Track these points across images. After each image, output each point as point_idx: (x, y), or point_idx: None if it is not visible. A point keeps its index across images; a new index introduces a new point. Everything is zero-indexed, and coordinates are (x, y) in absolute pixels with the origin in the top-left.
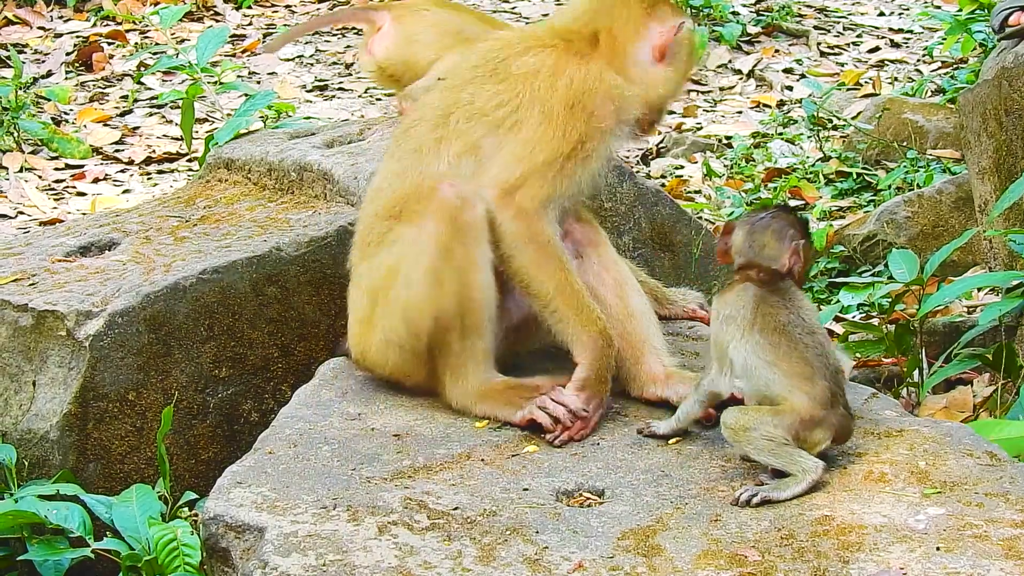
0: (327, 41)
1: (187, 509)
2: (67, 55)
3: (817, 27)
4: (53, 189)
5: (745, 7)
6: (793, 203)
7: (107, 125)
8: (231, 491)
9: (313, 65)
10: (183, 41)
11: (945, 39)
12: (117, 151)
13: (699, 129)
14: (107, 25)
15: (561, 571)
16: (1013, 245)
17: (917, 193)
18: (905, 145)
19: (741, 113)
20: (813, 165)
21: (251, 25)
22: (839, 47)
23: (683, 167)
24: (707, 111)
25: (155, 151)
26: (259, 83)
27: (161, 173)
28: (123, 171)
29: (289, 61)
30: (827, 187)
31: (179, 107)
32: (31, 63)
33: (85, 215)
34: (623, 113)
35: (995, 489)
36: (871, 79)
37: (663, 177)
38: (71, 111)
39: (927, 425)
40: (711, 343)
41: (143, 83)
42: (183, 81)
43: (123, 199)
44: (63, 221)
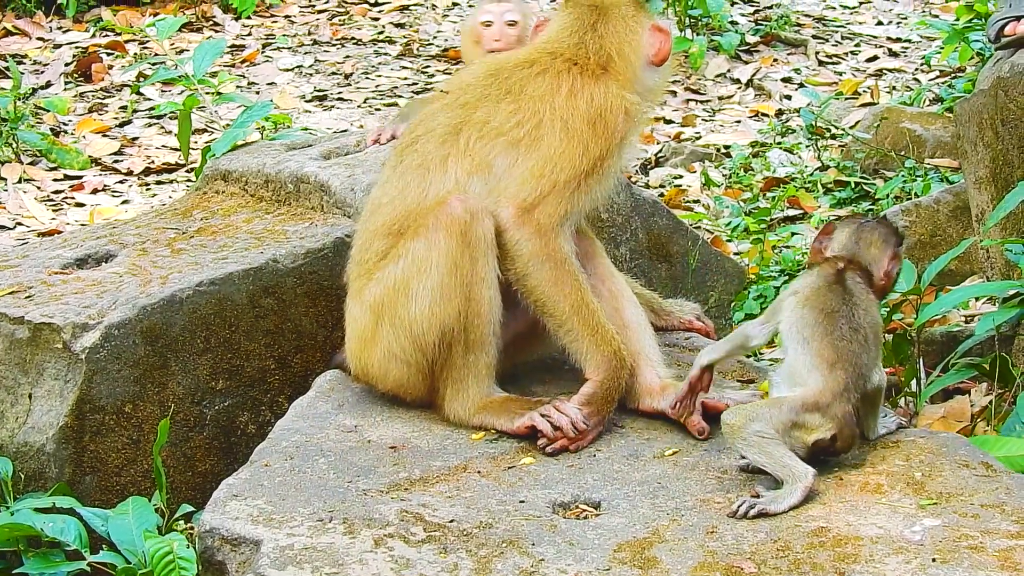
0: (326, 51)
1: (183, 522)
2: (66, 66)
3: (815, 36)
4: (52, 200)
5: (744, 17)
6: (791, 213)
7: (106, 136)
8: (227, 504)
9: (312, 75)
10: (182, 52)
11: (943, 48)
12: (116, 162)
13: (698, 138)
14: (106, 36)
15: None
16: (1010, 255)
17: (915, 202)
18: (903, 154)
19: (740, 122)
20: (811, 174)
21: (250, 36)
22: (837, 56)
23: (682, 176)
24: (706, 120)
25: (154, 162)
26: (258, 94)
27: (160, 184)
28: (122, 182)
29: (288, 71)
30: (825, 196)
31: (177, 118)
32: (30, 74)
33: (83, 226)
34: (638, 128)
35: (991, 500)
36: (869, 88)
37: (662, 187)
38: (70, 122)
39: (923, 436)
40: (773, 303)
41: (142, 94)
42: (181, 92)
43: (122, 210)
44: (62, 232)
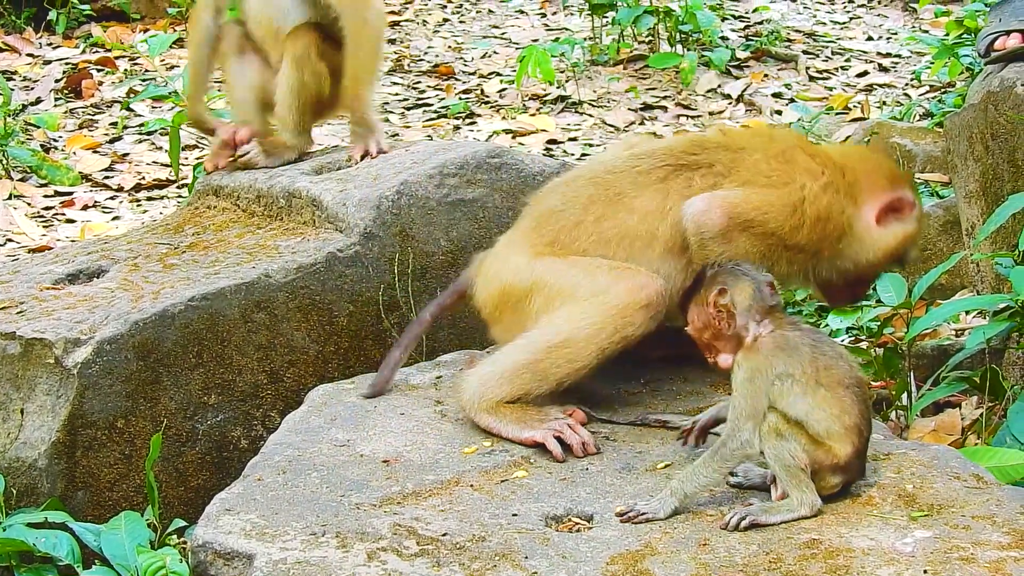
0: None
1: (176, 536)
2: (56, 82)
3: (806, 52)
4: (42, 216)
5: (734, 32)
6: None
7: (96, 152)
8: (220, 518)
9: None
10: (173, 68)
11: (932, 63)
12: (107, 178)
13: None
14: (96, 52)
15: None
16: (1000, 268)
17: None
18: None
19: None
20: None
21: None
22: (828, 71)
23: None
24: None
25: (145, 178)
26: None
27: (151, 200)
28: (112, 198)
29: None
30: None
31: (168, 134)
32: (20, 90)
33: (74, 242)
34: (832, 251)
35: (982, 512)
36: (859, 103)
37: None
38: (60, 138)
39: (914, 448)
40: (740, 401)
41: (132, 110)
42: (171, 108)
43: (113, 226)
44: (52, 248)
